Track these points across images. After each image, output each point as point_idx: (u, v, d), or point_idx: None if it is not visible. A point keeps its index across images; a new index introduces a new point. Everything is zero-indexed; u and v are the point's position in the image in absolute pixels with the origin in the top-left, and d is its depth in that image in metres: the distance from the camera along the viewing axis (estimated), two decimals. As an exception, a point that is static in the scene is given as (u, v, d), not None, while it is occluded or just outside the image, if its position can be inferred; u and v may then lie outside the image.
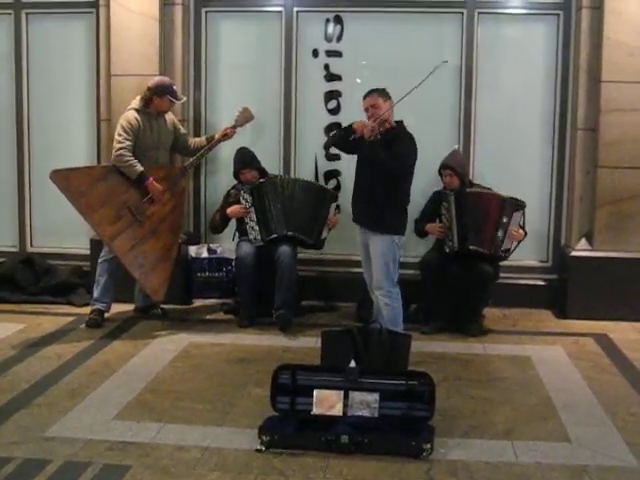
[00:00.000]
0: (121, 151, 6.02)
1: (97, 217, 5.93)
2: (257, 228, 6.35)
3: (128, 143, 6.05)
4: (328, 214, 6.50)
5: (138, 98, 6.21)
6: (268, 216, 6.36)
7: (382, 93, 5.53)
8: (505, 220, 6.12)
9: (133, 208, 6.05)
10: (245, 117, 6.55)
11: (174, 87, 6.28)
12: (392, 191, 5.49)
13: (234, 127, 6.52)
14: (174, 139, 6.48)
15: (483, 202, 6.22)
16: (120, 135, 6.07)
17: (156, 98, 6.19)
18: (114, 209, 5.99)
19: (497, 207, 6.17)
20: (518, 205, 6.19)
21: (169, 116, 6.43)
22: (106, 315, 6.37)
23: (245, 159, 6.56)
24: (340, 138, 5.72)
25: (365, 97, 5.58)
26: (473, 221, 6.16)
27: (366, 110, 5.52)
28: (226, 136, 6.50)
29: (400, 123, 5.53)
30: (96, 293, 6.34)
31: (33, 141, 7.47)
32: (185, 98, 6.60)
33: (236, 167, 6.57)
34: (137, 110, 6.16)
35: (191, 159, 6.47)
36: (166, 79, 6.32)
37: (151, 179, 6.09)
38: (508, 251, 6.20)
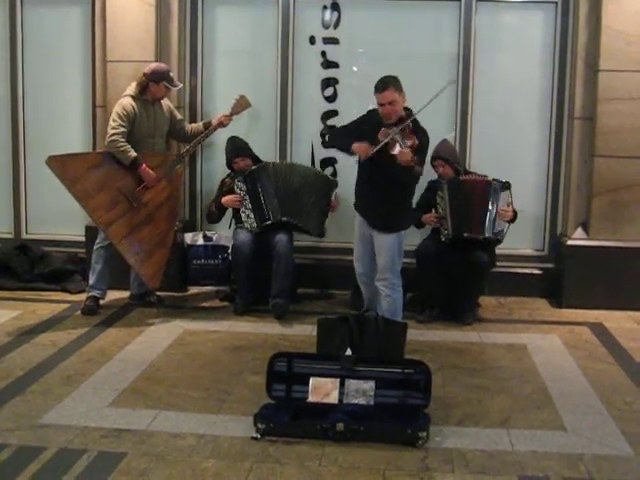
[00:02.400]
0: (114, 137, 5.99)
1: (93, 203, 5.91)
2: (252, 216, 6.33)
3: (122, 129, 6.01)
4: (330, 202, 6.51)
5: (134, 84, 6.18)
6: (262, 203, 6.33)
7: (397, 86, 5.21)
8: (493, 202, 6.12)
9: (129, 194, 6.02)
10: (241, 105, 6.51)
11: (170, 73, 6.24)
12: (406, 193, 5.45)
13: (230, 115, 6.48)
14: (170, 125, 6.45)
15: (476, 189, 6.22)
16: (115, 121, 6.03)
17: (152, 85, 6.15)
18: (110, 195, 5.96)
19: (484, 191, 6.17)
20: (503, 186, 6.17)
21: (165, 102, 6.39)
22: (101, 302, 6.36)
23: (237, 147, 6.55)
24: (339, 148, 5.62)
25: (380, 90, 5.21)
26: (467, 208, 6.15)
27: (381, 105, 5.24)
28: (221, 124, 6.46)
29: (412, 114, 5.25)
30: (91, 280, 6.32)
31: (28, 128, 7.43)
32: (181, 85, 6.56)
33: (228, 156, 6.55)
34: (133, 97, 6.13)
35: (187, 147, 6.45)
36: (163, 65, 6.28)
37: (144, 166, 6.05)
38: (501, 232, 6.18)
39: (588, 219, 6.61)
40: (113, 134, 6.00)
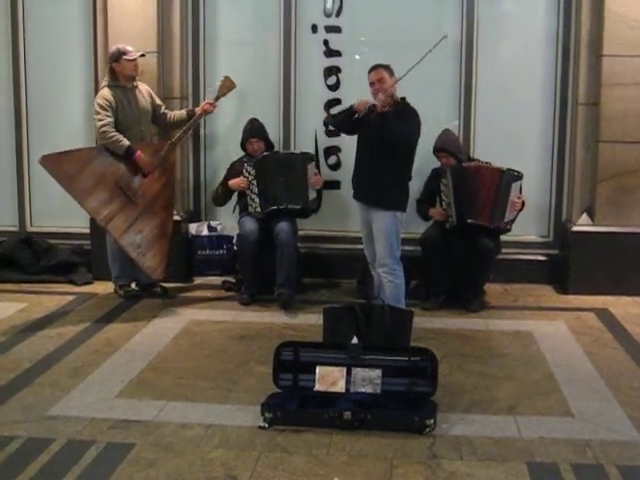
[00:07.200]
0: (104, 128, 5.98)
1: (91, 201, 5.85)
2: (257, 200, 6.32)
3: (108, 119, 6.01)
4: (306, 176, 6.42)
5: (106, 75, 6.19)
6: (269, 189, 6.33)
7: (387, 68, 5.50)
8: (505, 192, 6.10)
9: (125, 187, 5.99)
10: (227, 86, 6.43)
11: (126, 47, 6.14)
12: (395, 167, 5.48)
13: (217, 98, 6.41)
14: (152, 110, 6.43)
15: (481, 175, 6.20)
16: (99, 113, 6.02)
17: (116, 65, 6.13)
18: (107, 191, 5.92)
19: (496, 180, 6.14)
20: (516, 176, 6.15)
21: (144, 87, 6.37)
22: (111, 292, 6.45)
23: (254, 128, 6.56)
24: (342, 120, 5.67)
25: (370, 71, 5.54)
26: (471, 195, 6.13)
27: (372, 84, 5.49)
28: (206, 112, 6.43)
29: (404, 100, 5.51)
30: (116, 271, 6.40)
31: (31, 120, 7.40)
32: (141, 52, 6.27)
33: (244, 135, 6.55)
34: (109, 86, 6.13)
35: (177, 134, 6.37)
36: (118, 45, 6.19)
37: (139, 152, 6.03)
38: (512, 222, 6.18)
39: (593, 205, 6.59)
40: (101, 126, 5.99)
